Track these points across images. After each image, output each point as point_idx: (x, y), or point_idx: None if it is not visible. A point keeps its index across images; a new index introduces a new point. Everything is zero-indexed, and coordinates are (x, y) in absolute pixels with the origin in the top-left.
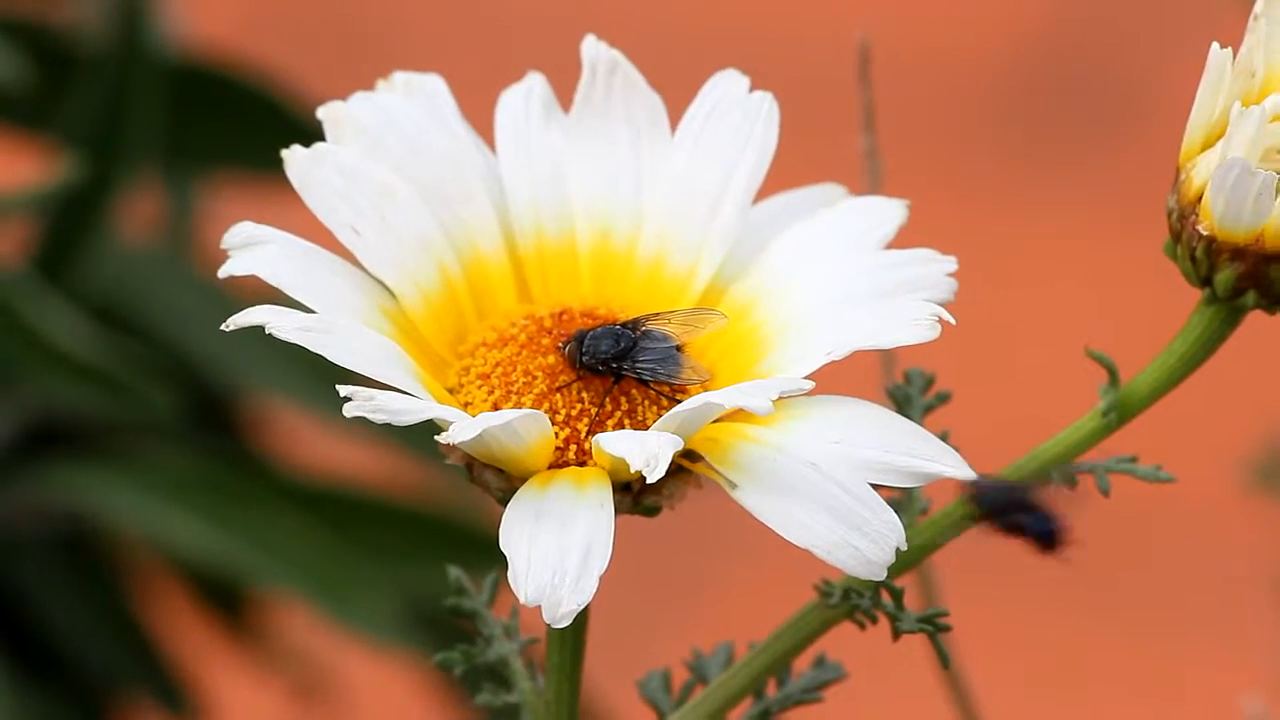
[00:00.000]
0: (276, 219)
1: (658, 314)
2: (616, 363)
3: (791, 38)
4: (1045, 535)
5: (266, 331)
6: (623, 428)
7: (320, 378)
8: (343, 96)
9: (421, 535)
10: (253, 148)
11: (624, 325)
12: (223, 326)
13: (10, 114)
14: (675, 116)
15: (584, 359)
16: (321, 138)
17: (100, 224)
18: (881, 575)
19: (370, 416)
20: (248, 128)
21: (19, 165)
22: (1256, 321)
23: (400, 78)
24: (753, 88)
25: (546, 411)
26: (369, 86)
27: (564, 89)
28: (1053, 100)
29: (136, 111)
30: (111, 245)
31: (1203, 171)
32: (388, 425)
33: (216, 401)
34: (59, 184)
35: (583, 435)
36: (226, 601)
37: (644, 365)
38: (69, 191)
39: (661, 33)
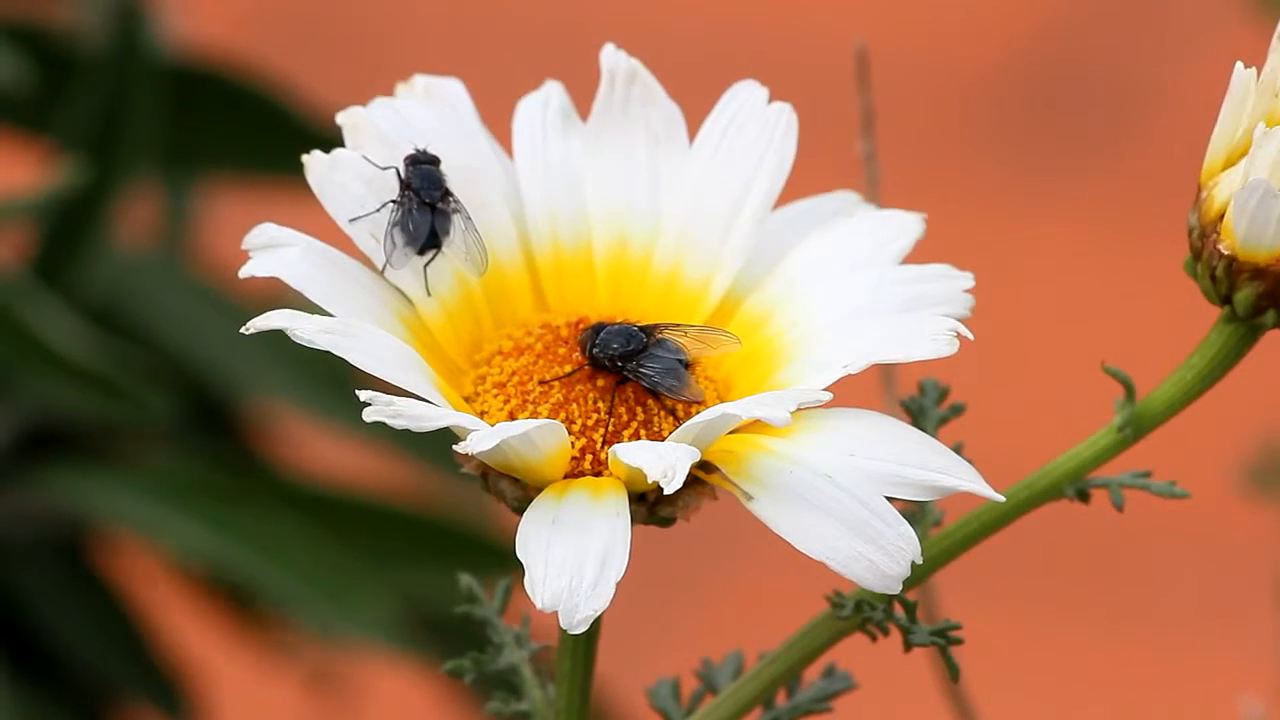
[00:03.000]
0: (276, 221)
1: (676, 325)
2: (623, 362)
3: (791, 42)
4: None
5: (287, 335)
6: (639, 438)
7: (321, 382)
8: (342, 99)
9: (422, 540)
10: (252, 151)
11: (641, 329)
12: (242, 330)
13: (9, 117)
14: (692, 126)
15: (593, 350)
16: (321, 140)
17: (99, 227)
18: (897, 589)
19: (390, 422)
20: (247, 131)
21: (17, 168)
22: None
23: (420, 81)
24: (771, 98)
25: (563, 421)
26: (369, 90)
27: (578, 97)
28: (1052, 107)
29: (135, 114)
30: (110, 249)
31: (1224, 190)
32: (390, 430)
33: (216, 405)
34: (57, 187)
35: (599, 445)
36: (234, 598)
37: (647, 371)
38: (67, 195)
39: (678, 42)
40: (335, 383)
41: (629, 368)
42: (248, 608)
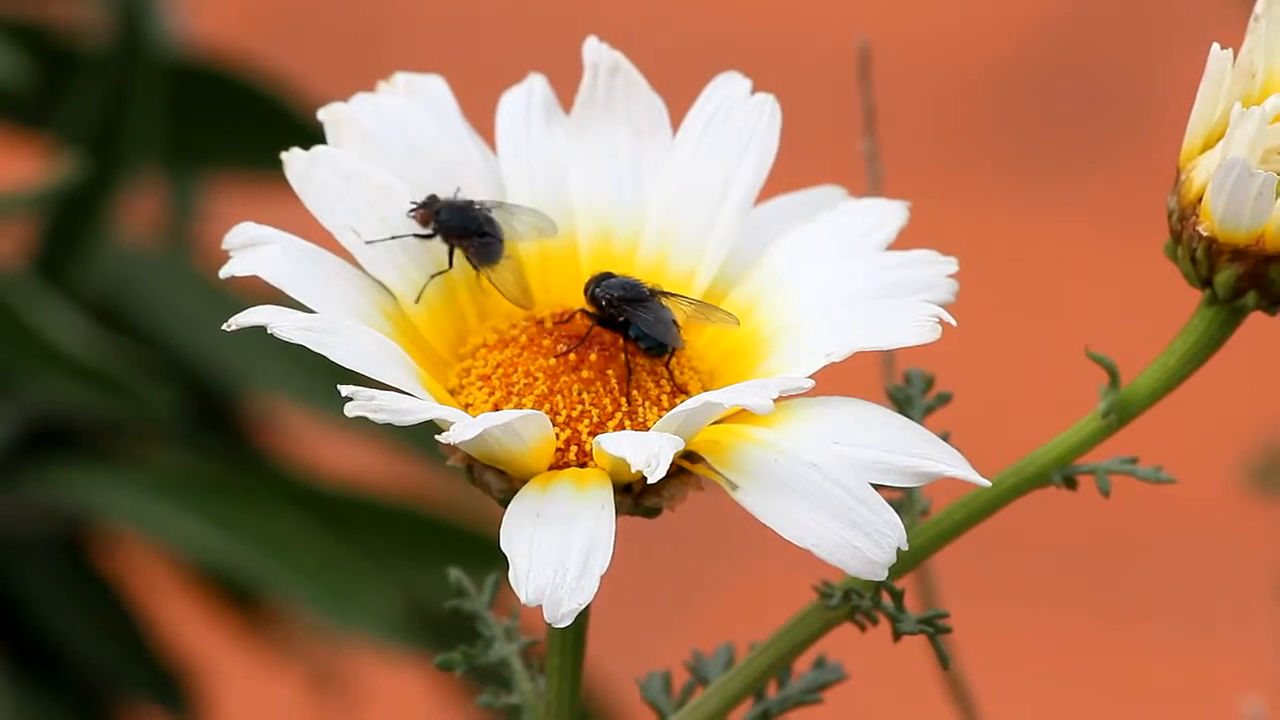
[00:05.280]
0: (276, 218)
1: (678, 295)
2: (620, 305)
3: (789, 40)
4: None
5: (268, 332)
6: (623, 429)
7: (321, 378)
8: (343, 95)
9: (422, 536)
10: (253, 147)
11: (648, 287)
12: (224, 326)
13: (11, 112)
14: (676, 119)
15: (595, 290)
16: (322, 137)
17: (100, 223)
18: (882, 575)
19: (372, 416)
20: (248, 127)
21: (19, 164)
22: (1253, 321)
23: (402, 79)
24: (754, 90)
25: (547, 412)
26: (369, 86)
27: (565, 90)
28: (1052, 103)
29: (137, 110)
30: (111, 244)
31: (1203, 172)
32: (388, 426)
33: (216, 402)
34: (59, 183)
35: (583, 436)
36: (235, 596)
37: (643, 315)
38: (69, 190)
39: (662, 35)
40: (335, 379)
41: (625, 309)
42: (249, 605)
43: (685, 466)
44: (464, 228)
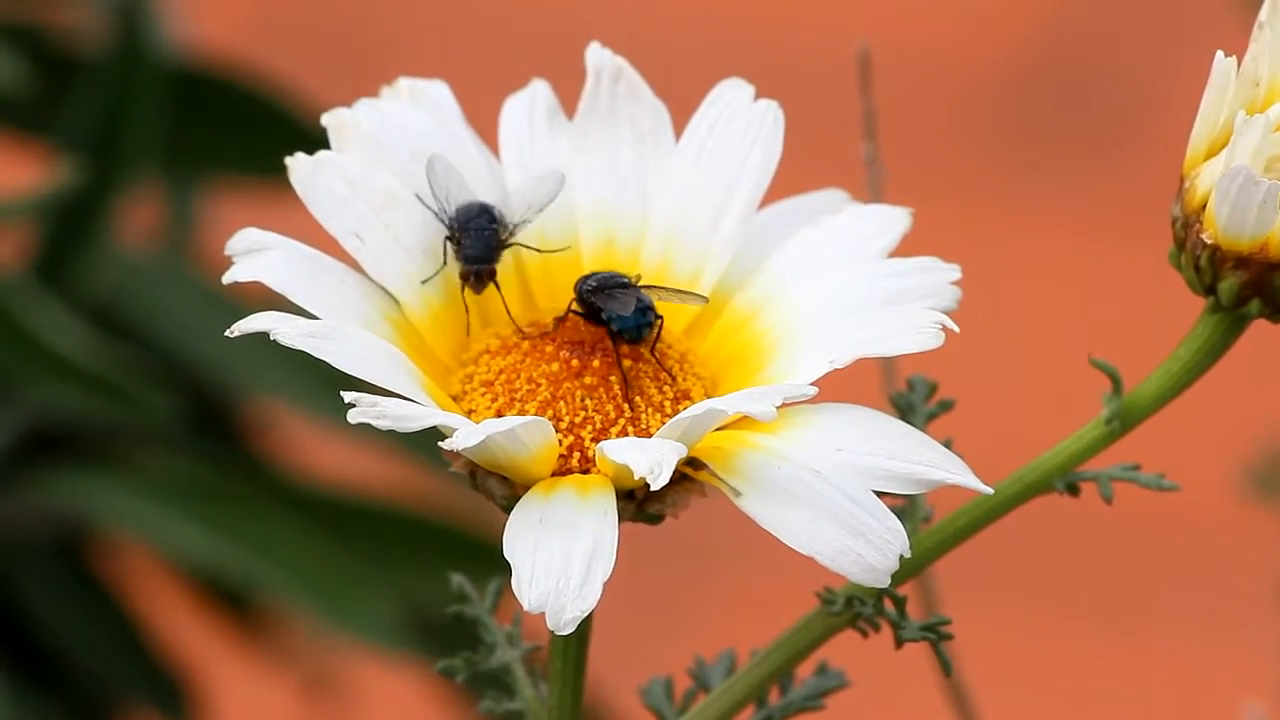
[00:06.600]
0: (278, 224)
1: (654, 286)
2: (596, 292)
3: (789, 45)
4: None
5: (271, 338)
6: (626, 435)
7: (322, 384)
8: (344, 101)
9: (423, 542)
10: (254, 152)
11: (630, 281)
12: (227, 332)
13: (10, 118)
14: (679, 125)
15: (580, 285)
16: (323, 142)
17: (100, 229)
18: (885, 582)
19: (374, 423)
20: (248, 132)
21: (19, 170)
22: (1255, 328)
23: (405, 84)
24: (757, 96)
25: (550, 419)
26: (370, 91)
27: (569, 96)
28: (1051, 110)
29: (137, 116)
30: (111, 250)
31: (1207, 180)
32: (390, 432)
33: (217, 407)
34: (59, 189)
35: (586, 443)
36: (233, 601)
37: (616, 297)
38: (69, 196)
39: (664, 41)
40: (335, 384)
41: (599, 298)
42: (247, 609)
43: (688, 473)
44: (485, 258)
